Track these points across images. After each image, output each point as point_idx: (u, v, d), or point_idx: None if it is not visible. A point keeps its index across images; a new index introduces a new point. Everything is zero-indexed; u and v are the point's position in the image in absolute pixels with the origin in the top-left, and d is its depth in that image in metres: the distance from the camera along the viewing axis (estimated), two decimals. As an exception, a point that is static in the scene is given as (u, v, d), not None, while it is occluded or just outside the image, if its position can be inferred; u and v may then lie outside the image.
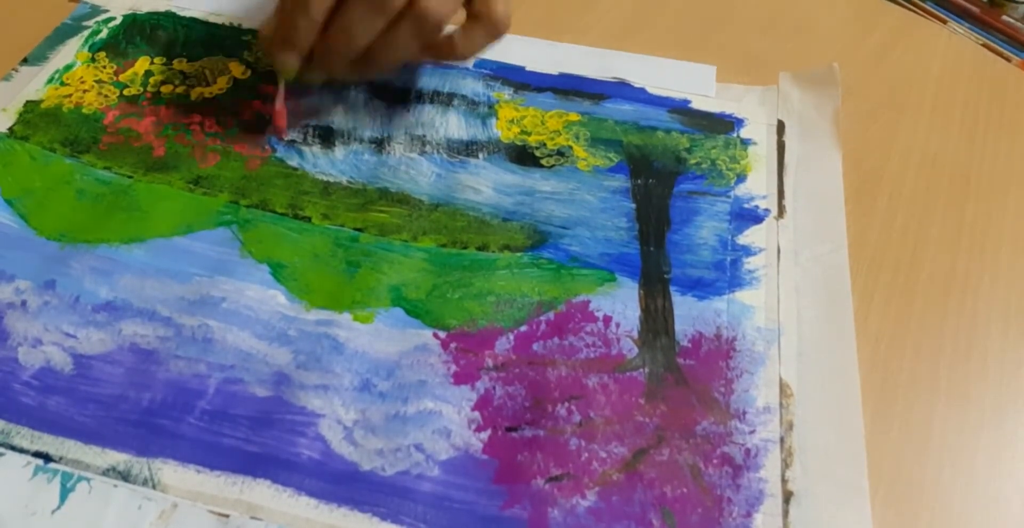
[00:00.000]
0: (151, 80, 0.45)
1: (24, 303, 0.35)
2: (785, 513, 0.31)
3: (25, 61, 0.45)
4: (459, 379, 0.34)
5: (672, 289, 0.37)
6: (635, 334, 0.36)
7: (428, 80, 0.45)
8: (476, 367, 0.34)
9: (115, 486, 0.31)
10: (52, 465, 0.31)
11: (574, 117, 0.44)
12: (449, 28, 0.39)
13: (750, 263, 0.38)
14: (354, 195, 0.40)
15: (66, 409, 0.33)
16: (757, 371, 0.35)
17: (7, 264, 0.37)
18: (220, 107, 0.44)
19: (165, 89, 0.44)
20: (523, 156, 0.42)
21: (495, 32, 0.40)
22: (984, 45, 0.50)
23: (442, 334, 0.35)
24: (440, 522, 0.30)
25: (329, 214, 0.39)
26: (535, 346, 0.35)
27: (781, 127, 0.44)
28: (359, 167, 0.41)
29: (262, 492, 0.31)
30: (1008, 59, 0.50)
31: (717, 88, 0.46)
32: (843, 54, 0.49)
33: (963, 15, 0.52)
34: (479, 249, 0.39)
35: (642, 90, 0.46)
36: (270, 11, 0.41)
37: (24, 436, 0.32)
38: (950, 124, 0.46)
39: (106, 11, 0.48)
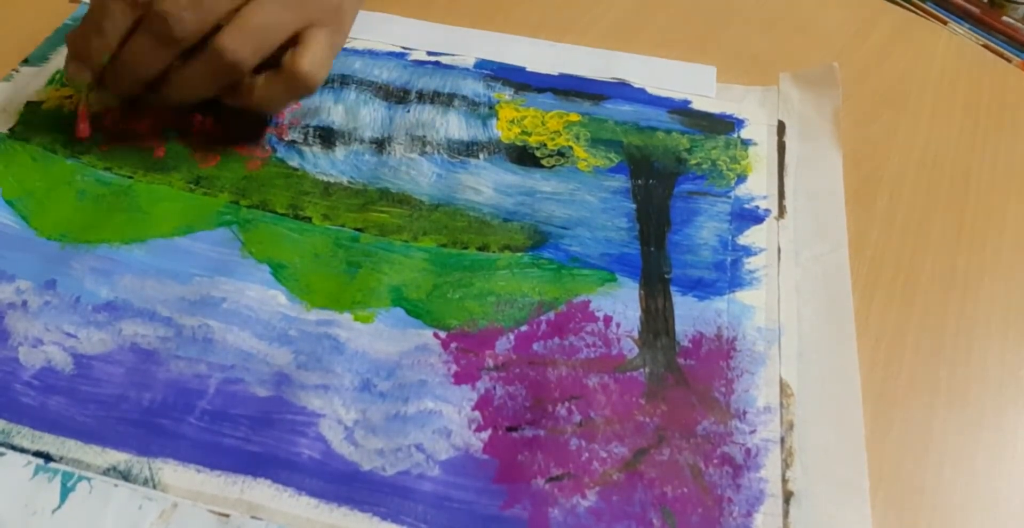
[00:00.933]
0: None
1: (25, 303, 0.35)
2: (785, 513, 0.31)
3: (26, 62, 0.45)
4: (459, 379, 0.34)
5: (672, 289, 0.37)
6: (635, 334, 0.36)
7: (428, 80, 0.45)
8: (476, 367, 0.34)
9: (115, 486, 0.31)
10: (52, 465, 0.31)
11: (574, 117, 0.44)
12: None
13: (750, 263, 0.39)
14: (355, 195, 0.40)
15: (67, 409, 0.33)
16: (757, 371, 0.35)
17: (8, 264, 0.37)
18: (220, 107, 0.44)
19: (166, 89, 0.44)
20: (523, 156, 0.42)
21: (296, 87, 0.38)
22: (984, 45, 0.50)
23: (442, 334, 0.35)
24: (440, 522, 0.30)
25: (329, 214, 0.39)
26: (535, 346, 0.35)
27: (781, 127, 0.44)
28: (359, 167, 0.42)
29: (262, 492, 0.31)
30: (1008, 59, 0.50)
31: (717, 88, 0.46)
32: (843, 54, 0.49)
33: (963, 15, 0.52)
34: (480, 249, 0.39)
35: (642, 90, 0.46)
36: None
37: (25, 436, 0.32)
38: (950, 124, 0.46)
39: (107, 12, 0.48)
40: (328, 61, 0.39)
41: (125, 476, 0.31)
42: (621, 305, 0.37)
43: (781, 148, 0.43)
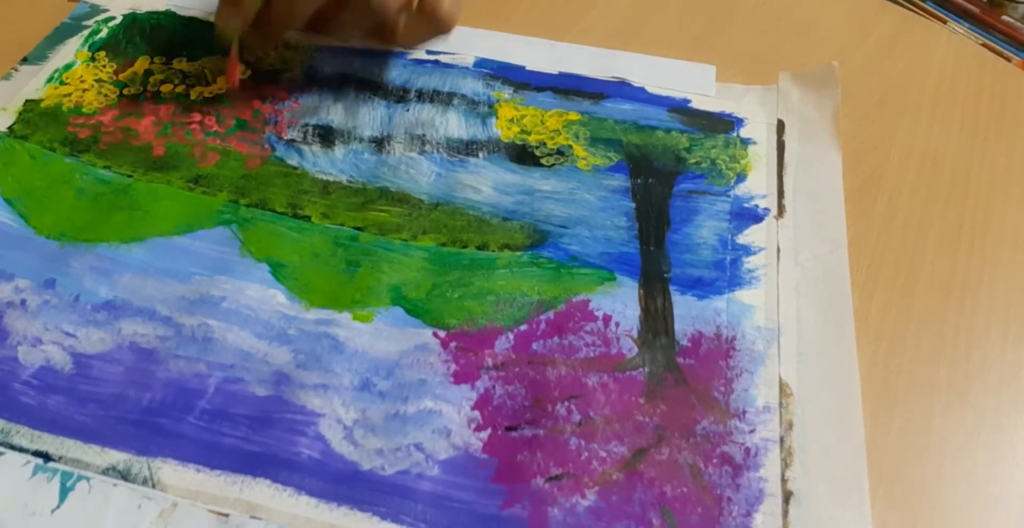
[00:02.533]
0: (151, 79, 0.45)
1: (24, 302, 0.35)
2: (785, 513, 0.31)
3: (25, 60, 0.45)
4: (459, 378, 0.34)
5: (672, 288, 0.37)
6: (635, 333, 0.36)
7: (428, 79, 0.45)
8: (476, 366, 0.34)
9: (115, 485, 0.31)
10: (52, 464, 0.31)
11: (574, 116, 0.44)
12: None
13: (750, 262, 0.38)
14: (354, 194, 0.40)
15: (66, 408, 0.33)
16: (757, 370, 0.35)
17: (7, 263, 0.37)
18: (220, 107, 0.44)
19: (165, 88, 0.44)
20: (523, 155, 0.42)
21: (438, 28, 0.41)
22: (984, 45, 0.50)
23: (442, 333, 0.35)
24: (440, 521, 0.30)
25: (329, 213, 0.39)
26: (535, 345, 0.35)
27: (781, 126, 0.44)
28: (359, 166, 0.41)
29: (262, 491, 0.31)
30: (1008, 59, 0.49)
31: (717, 88, 0.46)
32: (843, 54, 0.49)
33: (963, 15, 0.52)
34: (479, 248, 0.39)
35: (642, 89, 0.46)
36: None
37: (24, 435, 0.32)
38: (950, 124, 0.46)
39: (106, 10, 0.48)
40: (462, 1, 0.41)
41: (124, 476, 0.31)
42: (620, 304, 0.37)
43: (781, 147, 0.43)
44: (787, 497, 0.31)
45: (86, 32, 0.47)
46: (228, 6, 0.40)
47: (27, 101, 0.43)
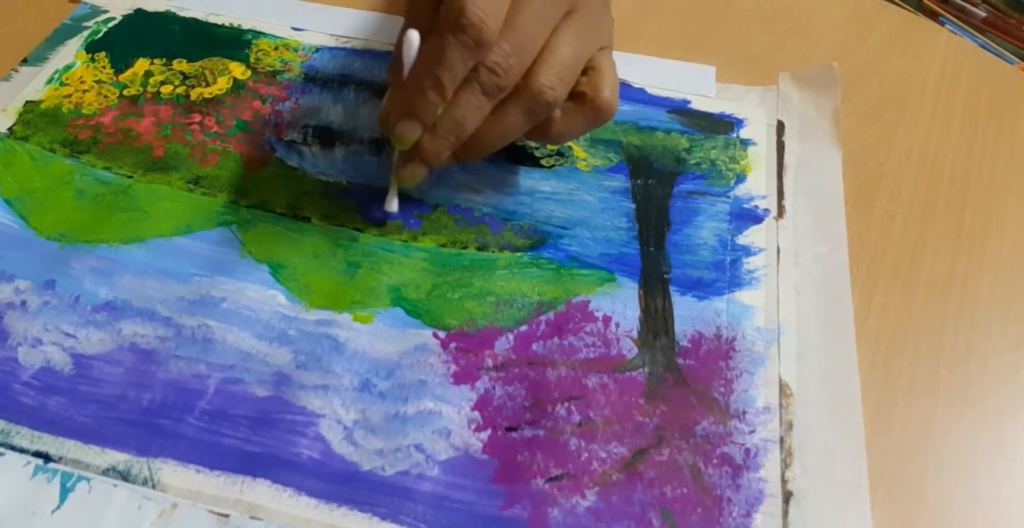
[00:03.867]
0: (151, 80, 0.45)
1: (24, 303, 0.35)
2: (785, 513, 0.31)
3: (25, 61, 0.45)
4: (459, 379, 0.34)
5: (672, 289, 0.37)
6: (635, 334, 0.36)
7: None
8: (476, 367, 0.34)
9: (115, 486, 0.31)
10: (52, 465, 0.31)
11: (574, 117, 0.44)
12: None
13: (750, 263, 0.38)
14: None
15: (66, 409, 0.33)
16: (757, 371, 0.35)
17: (7, 264, 0.37)
18: (220, 107, 0.44)
19: (165, 89, 0.44)
20: (523, 156, 0.42)
21: (599, 117, 0.37)
22: (984, 45, 0.50)
23: (442, 334, 0.35)
24: (440, 522, 0.30)
25: (329, 214, 0.39)
26: (535, 346, 0.35)
27: (781, 127, 0.44)
28: (359, 167, 0.41)
29: (262, 492, 0.31)
30: (1008, 60, 0.50)
31: (717, 88, 0.46)
32: (843, 54, 0.49)
33: (962, 14, 0.52)
34: (479, 249, 0.39)
35: (641, 90, 0.46)
36: (390, 80, 0.36)
37: (24, 436, 0.32)
38: (950, 124, 0.46)
39: (106, 11, 0.48)
40: (618, 83, 0.38)
41: (124, 476, 0.31)
42: (620, 305, 0.37)
43: (780, 148, 0.43)
44: (787, 497, 0.31)
45: (86, 33, 0.47)
46: (405, 116, 0.35)
47: (27, 102, 0.43)
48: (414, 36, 0.34)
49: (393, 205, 0.38)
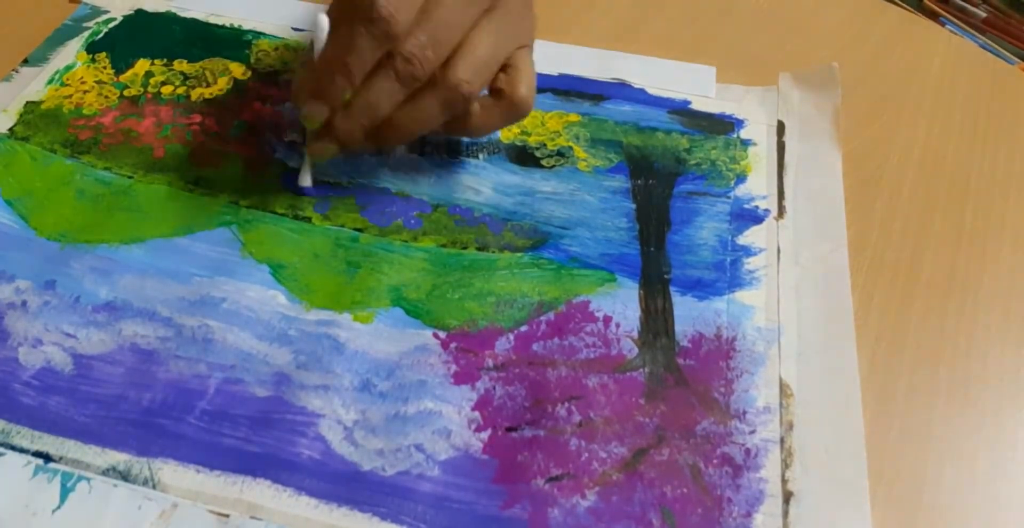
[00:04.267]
0: (151, 81, 0.45)
1: (24, 303, 0.35)
2: (785, 513, 0.31)
3: (26, 62, 0.45)
4: (459, 379, 0.34)
5: (672, 289, 0.37)
6: (635, 334, 0.36)
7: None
8: (476, 367, 0.34)
9: (115, 486, 0.31)
10: (52, 465, 0.31)
11: (574, 118, 0.44)
12: None
13: (750, 263, 0.38)
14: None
15: (66, 409, 0.33)
16: (757, 371, 0.35)
17: (7, 264, 0.37)
18: (220, 108, 0.44)
19: (165, 90, 0.44)
20: (523, 157, 0.42)
21: (516, 113, 0.38)
22: (984, 46, 0.50)
23: (442, 334, 0.35)
24: (440, 522, 0.30)
25: (329, 215, 0.39)
26: (535, 346, 0.35)
27: (781, 127, 0.44)
28: (359, 168, 0.41)
29: (262, 492, 0.31)
30: (1008, 60, 0.50)
31: (717, 89, 0.46)
32: (843, 54, 0.49)
33: (962, 14, 0.52)
34: (479, 249, 0.39)
35: (642, 91, 0.46)
36: (303, 60, 0.38)
37: (24, 436, 0.32)
38: (950, 124, 0.46)
39: (107, 12, 0.48)
40: (535, 82, 0.39)
41: (125, 476, 0.31)
42: (621, 305, 0.37)
43: (781, 148, 0.43)
44: (787, 497, 0.31)
45: (87, 33, 0.47)
46: (314, 96, 0.36)
47: (28, 102, 0.43)
48: (323, 19, 0.36)
49: (307, 180, 0.40)
